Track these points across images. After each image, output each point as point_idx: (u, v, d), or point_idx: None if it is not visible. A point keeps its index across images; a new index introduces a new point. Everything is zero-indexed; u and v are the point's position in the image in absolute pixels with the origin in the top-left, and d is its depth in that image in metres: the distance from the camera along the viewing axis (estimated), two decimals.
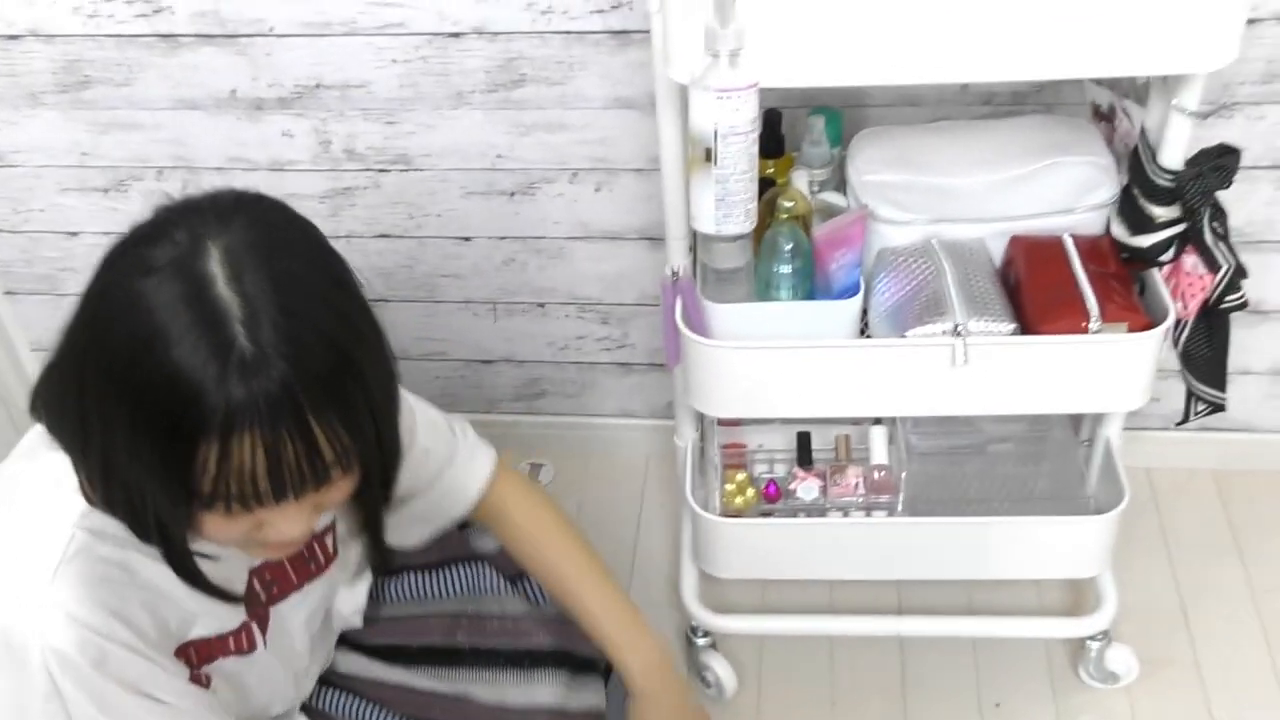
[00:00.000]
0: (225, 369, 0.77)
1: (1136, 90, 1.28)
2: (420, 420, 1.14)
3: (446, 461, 1.18)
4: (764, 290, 1.27)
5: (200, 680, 1.01)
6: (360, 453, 0.87)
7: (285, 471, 0.82)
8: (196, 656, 1.01)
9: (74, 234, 1.76)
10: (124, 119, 1.62)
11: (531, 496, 1.23)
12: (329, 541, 1.12)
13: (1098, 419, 1.46)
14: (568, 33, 1.47)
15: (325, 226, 1.74)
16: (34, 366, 1.96)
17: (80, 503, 0.90)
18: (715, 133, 1.03)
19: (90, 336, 0.83)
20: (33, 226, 1.76)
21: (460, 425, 1.22)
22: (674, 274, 1.30)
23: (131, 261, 0.81)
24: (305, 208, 1.70)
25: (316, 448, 0.82)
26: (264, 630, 1.07)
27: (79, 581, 0.89)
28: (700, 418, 1.51)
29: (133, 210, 1.68)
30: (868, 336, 1.30)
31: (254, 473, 0.81)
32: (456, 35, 1.48)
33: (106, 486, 0.87)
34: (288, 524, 0.87)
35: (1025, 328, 1.24)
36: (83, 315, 0.84)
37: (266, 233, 0.85)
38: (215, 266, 0.80)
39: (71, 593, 0.88)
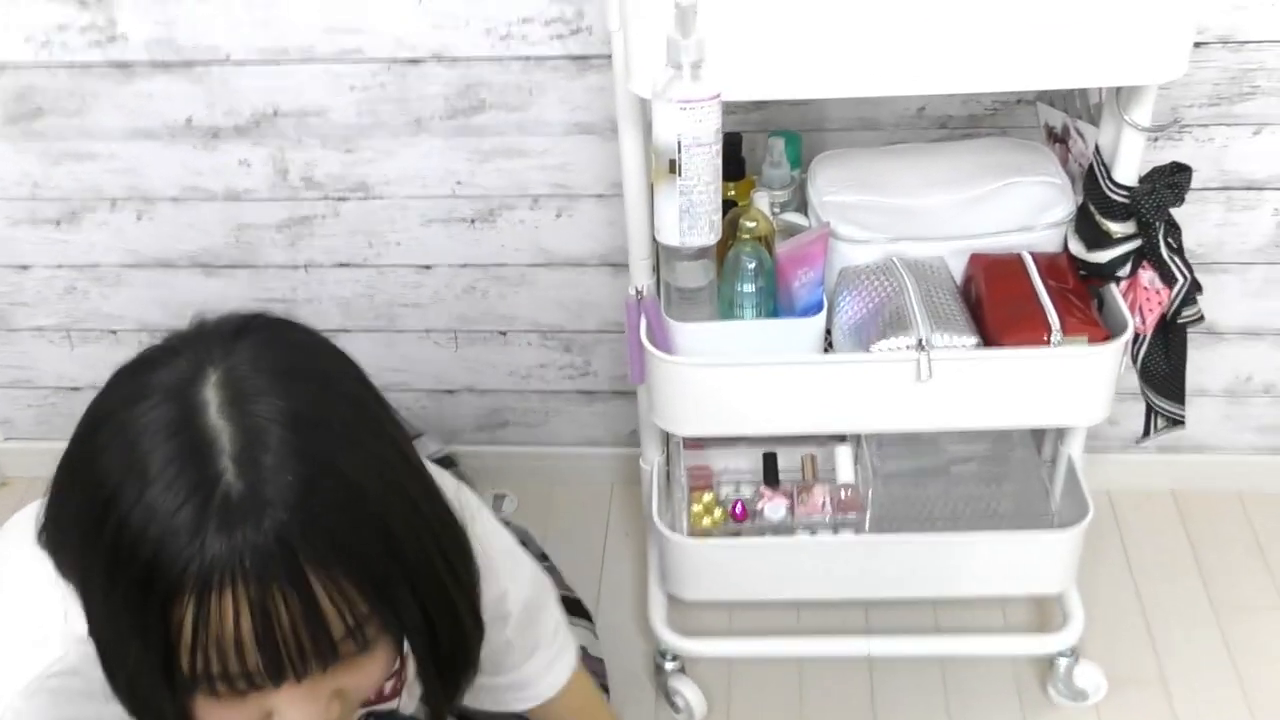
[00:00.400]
0: (205, 511, 0.65)
1: (1089, 111, 1.30)
2: (516, 610, 1.04)
3: (525, 656, 1.10)
4: (728, 309, 1.28)
5: None
6: (389, 626, 0.74)
7: (280, 643, 0.68)
8: None
9: (25, 267, 1.74)
10: (77, 149, 1.60)
11: (593, 699, 1.22)
12: (387, 686, 0.98)
13: (1059, 437, 1.47)
14: (527, 58, 1.47)
15: (283, 255, 1.75)
16: None
17: (83, 628, 0.77)
18: (679, 144, 1.04)
19: (73, 470, 0.72)
20: None
21: (559, 617, 1.15)
22: (638, 293, 1.29)
23: (128, 388, 0.71)
24: (263, 237, 1.71)
25: (319, 614, 0.68)
26: None
27: (46, 704, 0.80)
28: (666, 440, 1.50)
29: (84, 241, 1.69)
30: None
31: (240, 643, 0.67)
32: (415, 61, 1.48)
33: (102, 659, 0.74)
34: (297, 715, 0.73)
35: (987, 342, 1.25)
36: (71, 446, 0.73)
37: (279, 357, 0.73)
38: (210, 392, 0.69)
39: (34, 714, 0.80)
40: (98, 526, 0.68)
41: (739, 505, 1.43)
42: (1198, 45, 1.43)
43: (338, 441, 0.70)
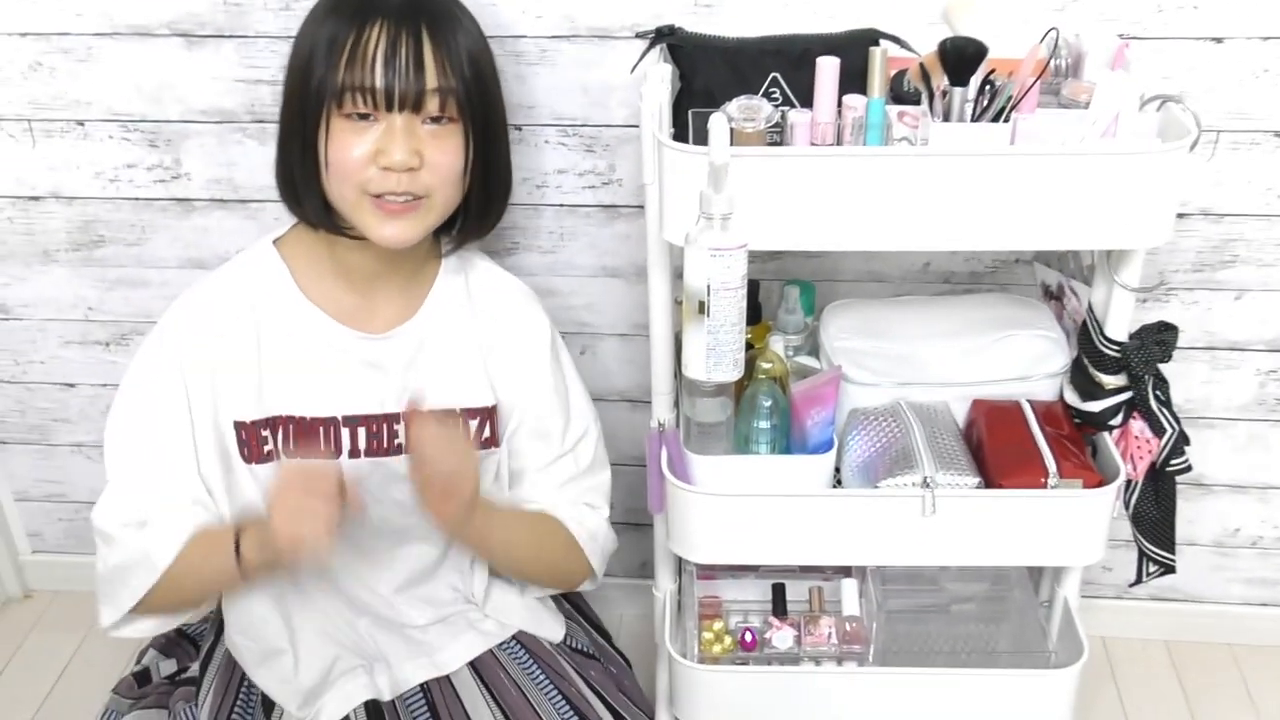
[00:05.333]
0: None
1: (1082, 271, 1.40)
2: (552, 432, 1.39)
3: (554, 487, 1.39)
4: (743, 445, 1.35)
5: (256, 454, 1.27)
6: (463, 116, 1.18)
7: (396, 68, 1.13)
8: (285, 433, 1.26)
9: (71, 385, 1.82)
10: (132, 276, 1.71)
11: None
12: (473, 425, 1.33)
13: (1056, 579, 1.53)
14: (560, 205, 1.59)
15: None
16: (17, 517, 1.98)
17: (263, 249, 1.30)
18: (708, 287, 1.13)
19: (288, 64, 1.20)
20: (31, 378, 1.82)
21: (603, 485, 1.43)
22: (660, 426, 1.37)
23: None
24: None
25: (423, 59, 1.14)
26: (355, 441, 1.29)
27: (213, 284, 1.29)
28: (679, 570, 1.56)
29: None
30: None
31: (374, 60, 1.13)
32: None
33: (285, 172, 1.22)
34: (397, 143, 1.15)
35: (988, 483, 1.32)
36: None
37: None
38: None
39: (206, 290, 1.28)
40: (301, 39, 1.19)
41: (749, 633, 1.48)
42: (1181, 216, 1.54)
43: (473, 25, 1.22)
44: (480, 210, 1.30)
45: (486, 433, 1.35)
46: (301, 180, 1.21)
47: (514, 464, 1.40)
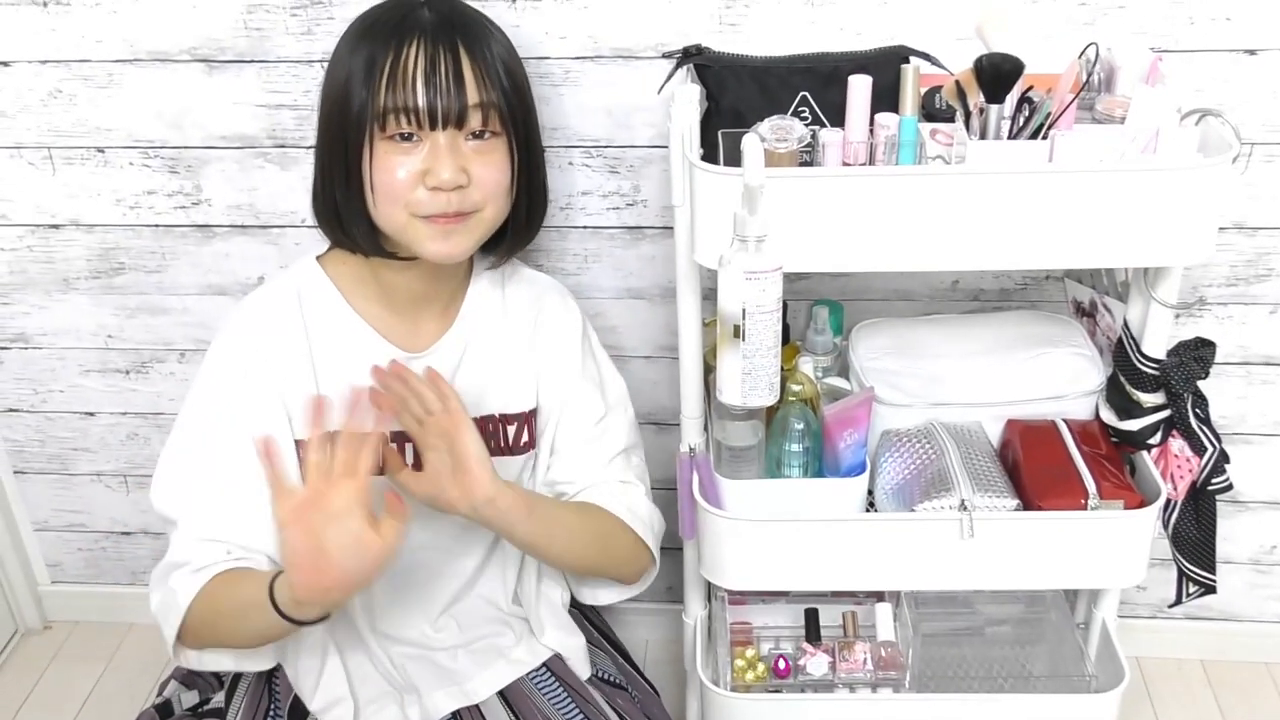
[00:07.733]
0: (407, 9, 1.16)
1: (1115, 288, 1.38)
2: (586, 402, 1.37)
3: (587, 466, 1.36)
4: (775, 468, 1.33)
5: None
6: (504, 130, 1.18)
7: (436, 85, 1.13)
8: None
9: (90, 414, 1.81)
10: (152, 304, 1.69)
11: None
12: (510, 431, 1.34)
13: (1093, 600, 1.51)
14: (584, 227, 1.57)
15: None
16: (36, 547, 1.96)
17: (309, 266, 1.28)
18: (744, 311, 1.11)
19: (323, 92, 1.20)
20: (50, 407, 1.80)
21: (638, 466, 1.41)
22: (691, 450, 1.35)
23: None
24: None
25: (462, 74, 1.14)
26: (402, 457, 1.27)
27: (266, 297, 1.27)
28: (709, 595, 1.54)
29: (152, 391, 1.76)
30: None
31: (414, 79, 1.12)
32: None
33: (327, 200, 1.21)
34: (443, 162, 1.14)
35: (1026, 504, 1.30)
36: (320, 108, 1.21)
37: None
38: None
39: (260, 302, 1.26)
40: (334, 68, 1.18)
41: (783, 660, 1.45)
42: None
43: (492, 30, 1.21)
44: (525, 222, 1.30)
45: (525, 437, 1.36)
46: (345, 207, 1.20)
47: (553, 452, 1.39)
